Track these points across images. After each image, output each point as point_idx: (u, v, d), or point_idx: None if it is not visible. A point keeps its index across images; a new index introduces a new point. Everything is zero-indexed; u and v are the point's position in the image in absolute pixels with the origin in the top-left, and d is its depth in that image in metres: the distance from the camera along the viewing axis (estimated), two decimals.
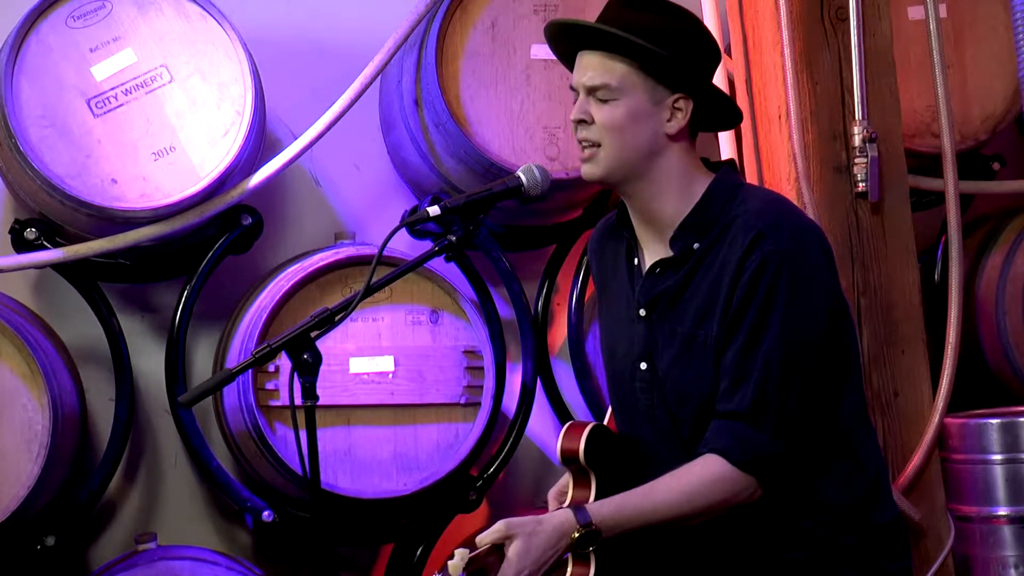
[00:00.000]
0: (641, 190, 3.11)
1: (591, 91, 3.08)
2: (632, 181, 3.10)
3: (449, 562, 2.87)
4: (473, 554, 2.89)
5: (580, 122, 3.09)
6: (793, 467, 3.00)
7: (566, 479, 3.20)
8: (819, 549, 3.04)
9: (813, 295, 3.01)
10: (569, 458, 3.14)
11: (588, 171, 3.12)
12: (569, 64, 3.20)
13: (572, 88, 3.13)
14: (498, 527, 2.91)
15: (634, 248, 3.19)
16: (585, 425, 3.16)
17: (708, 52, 3.12)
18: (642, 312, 3.12)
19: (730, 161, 3.22)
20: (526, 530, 2.90)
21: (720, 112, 3.18)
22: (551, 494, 3.25)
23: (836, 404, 3.07)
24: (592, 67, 3.08)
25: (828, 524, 3.04)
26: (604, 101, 3.06)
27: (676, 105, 3.07)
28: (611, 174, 3.10)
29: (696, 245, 3.07)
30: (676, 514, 2.96)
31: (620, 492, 3.07)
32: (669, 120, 3.08)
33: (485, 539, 2.91)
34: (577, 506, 2.94)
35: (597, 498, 3.09)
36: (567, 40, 3.17)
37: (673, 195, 3.10)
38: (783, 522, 3.05)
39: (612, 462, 3.15)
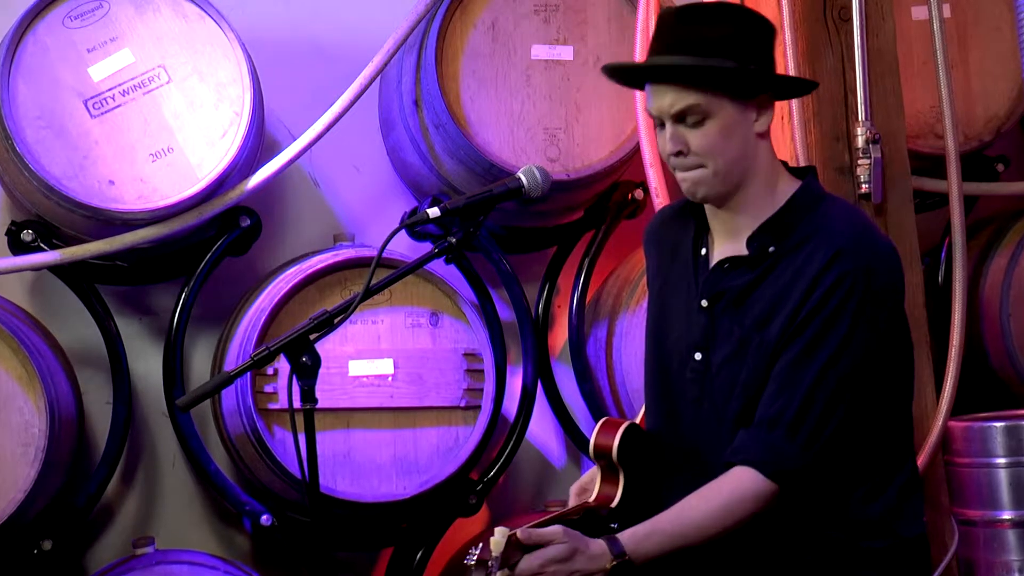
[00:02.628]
0: (735, 194, 3.09)
1: (679, 117, 3.02)
2: (732, 190, 3.08)
3: (491, 539, 2.85)
4: (511, 533, 2.86)
5: (678, 153, 3.04)
6: (819, 482, 2.99)
7: (593, 473, 3.20)
8: (842, 554, 3.03)
9: (880, 318, 3.00)
10: (601, 454, 3.14)
11: (697, 193, 3.08)
12: (625, 82, 3.21)
13: (650, 114, 3.07)
14: (556, 529, 2.90)
15: (703, 238, 3.17)
16: (621, 423, 3.16)
17: (770, 39, 3.08)
18: (704, 303, 3.10)
19: (812, 168, 3.21)
20: (574, 544, 2.89)
21: (793, 86, 3.22)
22: (574, 488, 3.25)
23: (887, 425, 3.06)
24: (672, 94, 3.02)
25: (855, 534, 3.03)
26: (696, 125, 3.02)
27: (760, 103, 3.06)
28: (717, 193, 3.07)
29: (772, 248, 3.05)
30: (706, 536, 2.96)
31: (646, 492, 3.09)
32: (757, 120, 3.06)
33: (543, 535, 2.89)
34: (611, 537, 2.93)
35: (623, 497, 3.10)
36: (632, 78, 3.17)
37: (758, 193, 3.08)
38: (810, 530, 3.04)
39: (642, 462, 3.15)
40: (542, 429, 5.01)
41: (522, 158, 4.43)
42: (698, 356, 3.11)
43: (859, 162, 4.01)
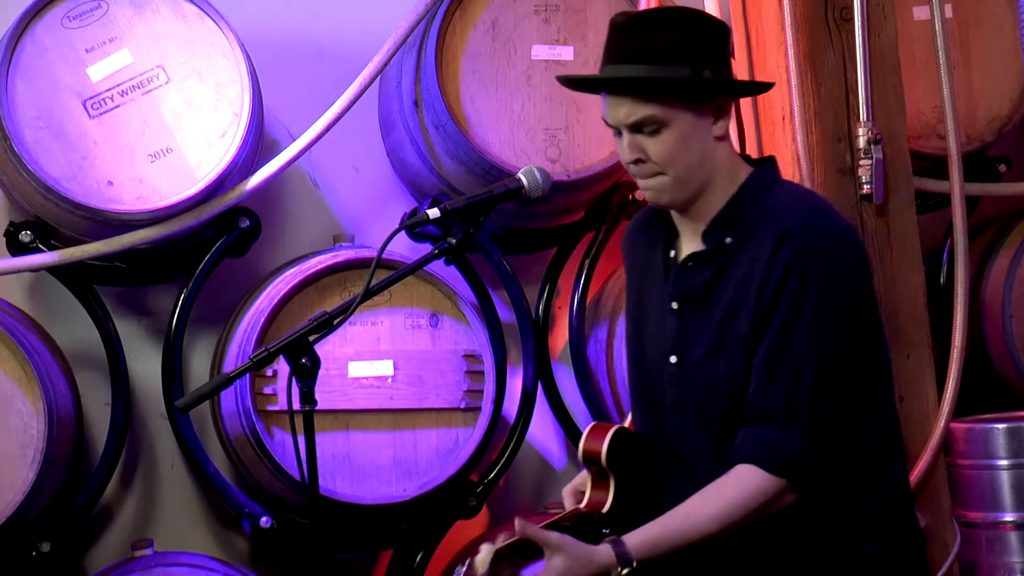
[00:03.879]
0: (697, 198, 3.08)
1: (635, 128, 3.02)
2: (694, 195, 3.07)
3: (476, 557, 2.84)
4: (498, 547, 2.85)
5: (637, 161, 3.04)
6: (823, 471, 2.98)
7: (584, 478, 3.19)
8: (839, 555, 3.02)
9: (842, 295, 2.98)
10: (591, 459, 3.13)
11: (660, 200, 3.08)
12: (582, 91, 3.22)
13: (607, 123, 3.07)
14: (552, 536, 2.89)
15: (673, 241, 3.16)
16: (609, 427, 3.15)
17: (724, 41, 3.07)
18: (674, 305, 3.10)
19: (771, 157, 3.20)
20: (575, 553, 2.88)
21: (748, 88, 3.26)
22: (566, 491, 3.23)
23: (870, 410, 3.04)
24: (627, 104, 3.01)
25: (850, 530, 3.02)
26: (653, 133, 3.01)
27: (717, 107, 3.05)
28: (679, 199, 3.07)
29: (728, 240, 3.05)
30: (712, 535, 2.95)
31: (637, 496, 3.08)
32: (715, 123, 3.05)
33: (538, 537, 2.87)
34: (617, 542, 2.93)
35: (614, 501, 3.08)
36: (588, 88, 3.18)
37: (720, 194, 3.07)
38: (806, 527, 3.03)
39: (632, 465, 3.14)
40: (542, 431, 5.00)
41: (522, 159, 4.42)
42: (673, 359, 3.09)
43: (861, 163, 4.00)
